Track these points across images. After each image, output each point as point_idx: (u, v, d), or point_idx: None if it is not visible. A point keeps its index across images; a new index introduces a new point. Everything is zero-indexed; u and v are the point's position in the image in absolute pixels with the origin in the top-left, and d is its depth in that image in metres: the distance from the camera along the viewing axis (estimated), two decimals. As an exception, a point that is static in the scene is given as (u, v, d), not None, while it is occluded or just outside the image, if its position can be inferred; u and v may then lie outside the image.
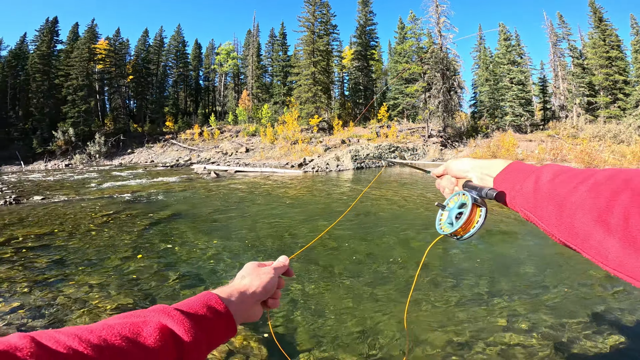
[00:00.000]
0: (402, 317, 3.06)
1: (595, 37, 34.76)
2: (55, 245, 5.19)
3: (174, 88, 50.07)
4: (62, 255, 4.73)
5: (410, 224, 6.50)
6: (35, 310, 3.16)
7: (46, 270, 4.20)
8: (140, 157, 32.25)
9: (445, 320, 3.03)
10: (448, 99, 30.29)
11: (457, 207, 0.70)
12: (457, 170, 0.75)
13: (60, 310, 3.19)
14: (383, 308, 3.28)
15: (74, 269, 4.24)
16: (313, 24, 35.76)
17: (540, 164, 0.60)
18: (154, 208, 8.14)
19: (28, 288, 3.64)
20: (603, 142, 26.79)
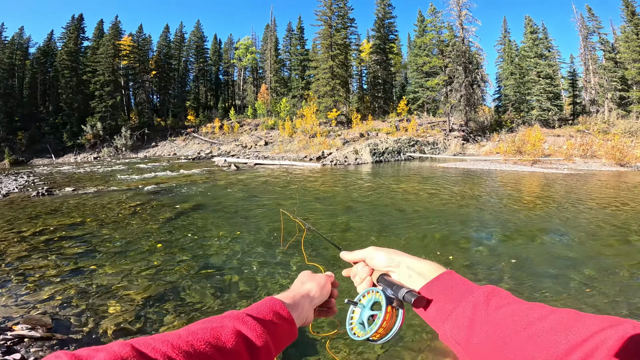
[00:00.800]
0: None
1: (628, 30, 33.00)
2: (85, 235, 5.44)
3: (194, 83, 50.96)
4: (93, 245, 4.95)
5: (426, 219, 6.42)
6: (67, 299, 3.30)
7: (77, 259, 4.39)
8: (164, 150, 33.20)
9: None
10: (470, 92, 29.46)
11: (369, 306, 0.61)
12: (379, 263, 0.64)
13: (91, 299, 3.32)
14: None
15: (103, 258, 4.42)
16: (330, 17, 35.42)
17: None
18: (178, 199, 8.40)
19: (60, 277, 3.81)
20: (635, 138, 25.40)
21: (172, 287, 3.58)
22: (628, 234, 5.36)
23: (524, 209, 7.57)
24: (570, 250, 4.68)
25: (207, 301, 3.28)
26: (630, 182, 12.30)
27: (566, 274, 3.85)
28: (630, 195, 9.13)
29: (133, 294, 3.42)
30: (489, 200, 8.64)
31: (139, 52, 40.90)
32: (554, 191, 10.07)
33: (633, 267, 4.02)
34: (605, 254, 4.48)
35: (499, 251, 4.68)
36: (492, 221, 6.36)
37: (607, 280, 3.69)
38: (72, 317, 2.98)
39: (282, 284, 3.62)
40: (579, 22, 37.07)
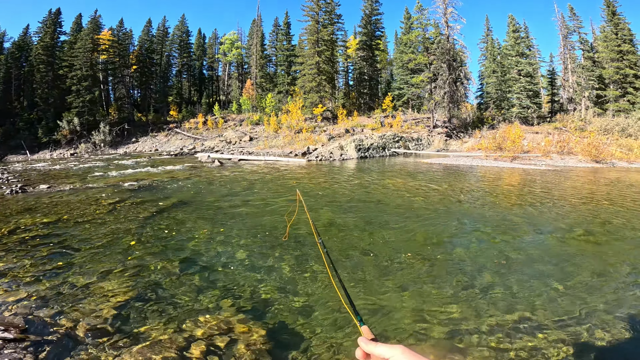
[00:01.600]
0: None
1: (608, 30, 34.10)
2: (61, 234, 5.23)
3: (177, 78, 49.87)
4: (68, 244, 4.77)
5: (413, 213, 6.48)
6: (41, 300, 3.17)
7: (52, 258, 4.22)
8: (145, 146, 32.38)
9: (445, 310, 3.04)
10: (454, 89, 29.94)
11: None
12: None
13: (67, 299, 3.20)
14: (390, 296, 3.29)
15: (79, 257, 4.26)
16: (317, 13, 35.24)
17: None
18: (159, 196, 8.19)
19: (34, 277, 3.66)
20: (611, 135, 26.41)
21: (153, 286, 3.48)
22: (608, 230, 5.55)
23: (507, 204, 7.74)
24: (551, 248, 4.82)
25: (189, 299, 3.20)
26: (607, 177, 12.79)
27: (550, 270, 3.96)
28: (611, 191, 9.48)
29: (111, 293, 3.31)
30: (473, 196, 8.80)
31: (119, 46, 39.69)
32: (534, 186, 10.36)
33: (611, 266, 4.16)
34: (584, 249, 4.63)
35: (486, 247, 4.77)
36: (477, 217, 6.47)
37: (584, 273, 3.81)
38: (47, 318, 2.86)
39: (266, 281, 3.57)
40: (559, 21, 38.02)
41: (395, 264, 4.02)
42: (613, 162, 19.14)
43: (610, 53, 33.07)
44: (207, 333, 2.67)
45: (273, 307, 3.05)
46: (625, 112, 31.13)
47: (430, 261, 4.09)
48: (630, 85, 32.29)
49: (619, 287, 3.46)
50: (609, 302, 3.12)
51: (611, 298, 3.21)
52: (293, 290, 3.38)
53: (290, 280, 3.58)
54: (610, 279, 3.66)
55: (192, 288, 3.41)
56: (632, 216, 6.36)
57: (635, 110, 30.49)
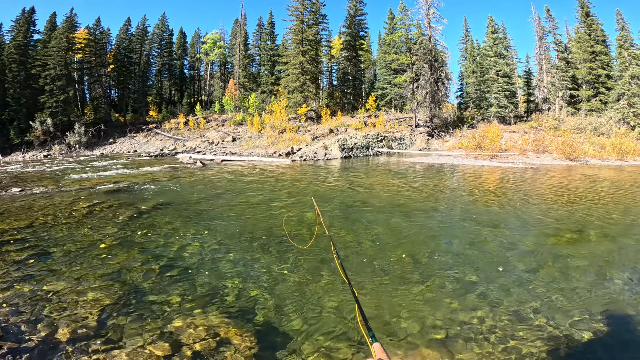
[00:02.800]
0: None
1: (581, 31, 35.29)
2: (35, 238, 5.02)
3: (157, 77, 48.66)
4: (43, 248, 4.58)
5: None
6: (17, 307, 3.05)
7: (26, 264, 4.05)
8: (123, 147, 31.43)
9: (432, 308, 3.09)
10: (435, 89, 30.49)
11: None
12: None
13: (44, 305, 3.09)
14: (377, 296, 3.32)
15: (55, 262, 4.10)
16: (302, 13, 35.15)
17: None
18: (138, 198, 7.97)
19: (7, 283, 3.51)
20: (584, 134, 27.55)
21: (135, 290, 3.39)
22: (584, 227, 5.78)
23: (487, 201, 7.94)
24: (529, 242, 4.98)
25: (173, 303, 3.13)
26: (581, 174, 13.33)
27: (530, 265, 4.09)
28: (587, 188, 9.88)
29: (90, 298, 3.20)
30: (455, 194, 8.99)
31: (96, 45, 38.42)
32: (513, 184, 10.68)
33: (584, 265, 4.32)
34: (561, 245, 4.81)
35: (470, 245, 4.87)
36: (461, 215, 6.61)
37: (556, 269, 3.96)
38: (23, 325, 2.76)
39: (251, 281, 3.53)
40: (536, 22, 39.21)
41: (390, 265, 4.05)
42: (586, 160, 19.98)
43: (583, 54, 34.31)
44: (194, 337, 2.62)
45: (260, 309, 3.02)
46: (597, 111, 32.50)
47: (422, 262, 4.15)
48: (602, 86, 33.67)
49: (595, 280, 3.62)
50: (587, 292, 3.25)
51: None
52: (282, 293, 3.36)
53: (280, 282, 3.56)
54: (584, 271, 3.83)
55: (178, 292, 3.34)
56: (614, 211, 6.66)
57: (607, 110, 31.87)
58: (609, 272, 3.77)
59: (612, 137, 26.22)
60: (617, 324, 2.77)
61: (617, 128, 28.75)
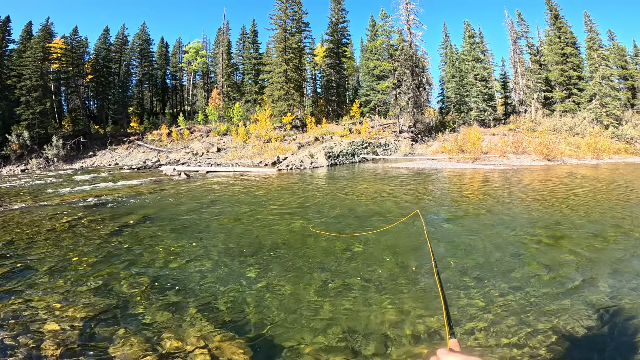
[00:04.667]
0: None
1: (552, 34, 36.67)
2: (15, 255, 4.83)
3: (138, 87, 47.86)
4: (23, 265, 4.41)
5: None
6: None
7: (8, 280, 3.91)
8: (104, 160, 30.61)
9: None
10: (417, 95, 31.14)
11: None
12: None
13: (26, 320, 2.99)
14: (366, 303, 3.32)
15: (37, 278, 3.97)
16: (285, 21, 35.43)
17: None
18: (121, 212, 7.77)
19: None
20: (559, 134, 28.65)
21: (120, 304, 3.28)
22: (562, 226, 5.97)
23: (473, 204, 8.12)
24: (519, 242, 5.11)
25: (160, 316, 3.04)
26: (559, 174, 13.80)
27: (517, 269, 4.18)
28: (563, 188, 10.21)
29: (75, 313, 3.10)
30: (441, 197, 9.15)
31: (73, 54, 37.52)
32: (495, 186, 10.96)
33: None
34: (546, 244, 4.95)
35: (454, 246, 4.95)
36: (449, 220, 6.71)
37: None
38: (7, 339, 2.67)
39: (241, 294, 3.47)
40: (509, 26, 40.67)
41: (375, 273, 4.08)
42: (563, 160, 20.73)
43: (555, 56, 35.66)
44: (186, 351, 2.56)
45: (254, 321, 2.97)
46: (571, 112, 33.85)
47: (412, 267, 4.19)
48: (574, 87, 35.08)
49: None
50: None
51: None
52: (276, 303, 3.32)
53: (273, 292, 3.52)
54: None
55: (165, 305, 3.25)
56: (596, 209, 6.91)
57: (581, 110, 33.23)
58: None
59: (587, 136, 27.34)
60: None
61: (591, 128, 30.00)
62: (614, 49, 38.60)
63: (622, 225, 5.79)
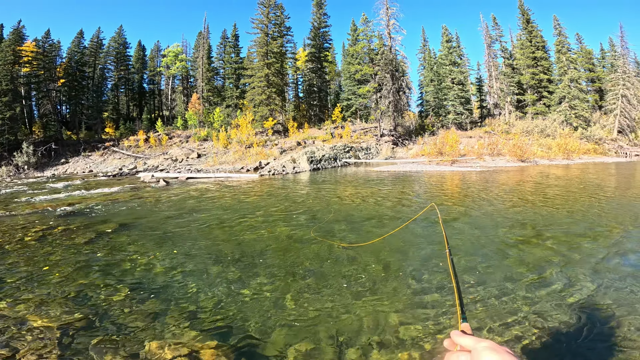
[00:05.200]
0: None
1: (523, 38, 38.15)
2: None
3: (113, 92, 46.48)
4: (-7, 276, 4.19)
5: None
6: None
7: None
8: (77, 167, 29.45)
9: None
10: (397, 99, 31.76)
11: None
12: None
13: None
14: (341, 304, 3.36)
15: (9, 288, 3.80)
16: (267, 25, 35.38)
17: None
18: (96, 220, 7.51)
19: None
20: (532, 136, 29.88)
21: (98, 313, 3.18)
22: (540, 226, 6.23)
23: (457, 205, 8.34)
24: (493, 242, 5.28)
25: (140, 325, 2.97)
26: (533, 174, 14.37)
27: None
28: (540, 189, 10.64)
29: (51, 324, 2.99)
30: (425, 200, 9.35)
31: (45, 58, 36.13)
32: (473, 188, 11.30)
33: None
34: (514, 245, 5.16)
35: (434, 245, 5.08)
36: (429, 223, 6.87)
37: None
38: None
39: (223, 301, 3.44)
40: (484, 31, 42.09)
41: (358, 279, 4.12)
42: (536, 161, 21.61)
43: (526, 60, 37.16)
44: (165, 359, 2.51)
45: (236, 327, 2.95)
46: (542, 114, 35.38)
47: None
48: (544, 90, 36.69)
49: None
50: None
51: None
52: (259, 308, 3.31)
53: (255, 298, 3.50)
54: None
55: (145, 314, 3.17)
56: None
57: (551, 112, 34.80)
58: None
59: (558, 138, 28.66)
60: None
61: (561, 129, 31.47)
62: (582, 52, 40.58)
63: (600, 224, 6.12)
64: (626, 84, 34.72)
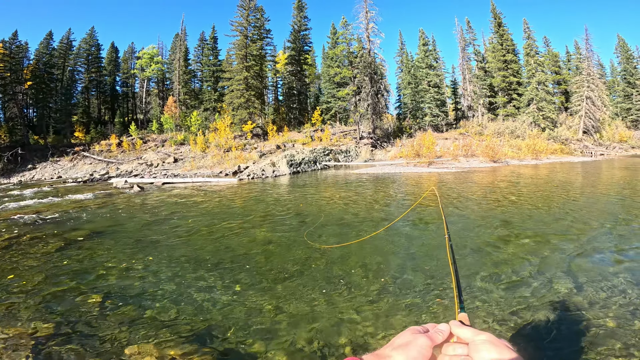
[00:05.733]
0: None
1: (495, 41, 39.55)
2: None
3: (84, 95, 44.66)
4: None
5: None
6: None
7: None
8: (45, 173, 28.05)
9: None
10: (376, 101, 32.26)
11: None
12: None
13: None
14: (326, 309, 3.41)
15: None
16: (246, 28, 35.04)
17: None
18: (66, 228, 7.21)
19: None
20: (503, 137, 31.14)
21: (72, 321, 3.09)
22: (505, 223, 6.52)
23: (434, 207, 8.58)
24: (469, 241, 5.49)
25: (116, 332, 2.89)
26: (505, 174, 14.98)
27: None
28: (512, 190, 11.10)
29: (19, 332, 2.88)
30: (404, 203, 9.55)
31: (11, 59, 34.30)
32: (448, 189, 11.66)
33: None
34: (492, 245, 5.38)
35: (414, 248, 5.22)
36: (409, 226, 7.03)
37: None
38: None
39: (203, 306, 3.40)
40: (459, 34, 43.41)
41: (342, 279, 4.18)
42: (507, 161, 22.53)
43: (497, 63, 38.55)
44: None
45: (217, 333, 2.93)
46: (512, 116, 36.91)
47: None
48: (514, 92, 38.22)
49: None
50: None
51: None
52: (237, 314, 3.30)
53: (234, 303, 3.48)
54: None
55: (122, 321, 3.10)
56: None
57: (520, 114, 36.36)
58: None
59: (527, 139, 30.02)
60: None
61: (530, 130, 32.98)
62: (549, 55, 42.52)
63: (572, 222, 6.49)
64: (590, 86, 36.64)
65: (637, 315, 2.87)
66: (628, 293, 3.27)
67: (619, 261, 4.15)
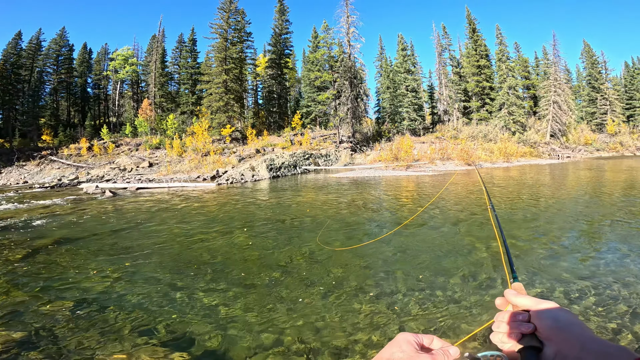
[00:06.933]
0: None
1: (469, 47, 40.90)
2: None
3: (52, 97, 42.64)
4: None
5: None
6: None
7: None
8: (10, 178, 26.50)
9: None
10: (356, 105, 32.60)
11: None
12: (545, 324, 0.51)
13: None
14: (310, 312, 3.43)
15: None
16: (226, 30, 34.59)
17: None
18: (32, 235, 6.86)
19: None
20: (477, 141, 32.30)
21: (41, 331, 2.96)
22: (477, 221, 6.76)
23: (406, 209, 8.78)
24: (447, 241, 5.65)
25: (86, 341, 2.79)
26: (478, 177, 15.48)
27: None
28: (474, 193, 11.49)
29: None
30: (383, 206, 9.70)
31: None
32: (424, 191, 11.95)
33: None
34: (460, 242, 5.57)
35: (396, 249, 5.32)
36: (388, 223, 7.15)
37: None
38: None
39: (177, 313, 3.33)
40: (436, 39, 44.56)
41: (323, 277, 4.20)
42: (480, 164, 23.38)
43: (472, 68, 39.87)
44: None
45: (197, 338, 2.88)
46: (485, 120, 38.31)
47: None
48: (487, 97, 39.67)
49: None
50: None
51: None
52: (217, 320, 3.25)
53: (215, 309, 3.43)
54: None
55: (95, 329, 2.99)
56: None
57: (492, 118, 37.80)
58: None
59: (499, 142, 31.26)
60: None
61: (502, 134, 34.36)
62: (519, 61, 44.37)
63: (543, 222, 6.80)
64: (557, 91, 38.54)
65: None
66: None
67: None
